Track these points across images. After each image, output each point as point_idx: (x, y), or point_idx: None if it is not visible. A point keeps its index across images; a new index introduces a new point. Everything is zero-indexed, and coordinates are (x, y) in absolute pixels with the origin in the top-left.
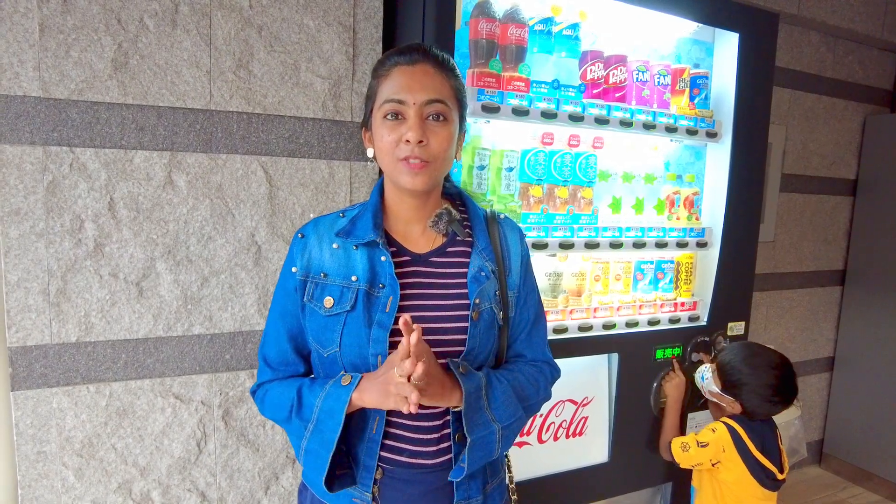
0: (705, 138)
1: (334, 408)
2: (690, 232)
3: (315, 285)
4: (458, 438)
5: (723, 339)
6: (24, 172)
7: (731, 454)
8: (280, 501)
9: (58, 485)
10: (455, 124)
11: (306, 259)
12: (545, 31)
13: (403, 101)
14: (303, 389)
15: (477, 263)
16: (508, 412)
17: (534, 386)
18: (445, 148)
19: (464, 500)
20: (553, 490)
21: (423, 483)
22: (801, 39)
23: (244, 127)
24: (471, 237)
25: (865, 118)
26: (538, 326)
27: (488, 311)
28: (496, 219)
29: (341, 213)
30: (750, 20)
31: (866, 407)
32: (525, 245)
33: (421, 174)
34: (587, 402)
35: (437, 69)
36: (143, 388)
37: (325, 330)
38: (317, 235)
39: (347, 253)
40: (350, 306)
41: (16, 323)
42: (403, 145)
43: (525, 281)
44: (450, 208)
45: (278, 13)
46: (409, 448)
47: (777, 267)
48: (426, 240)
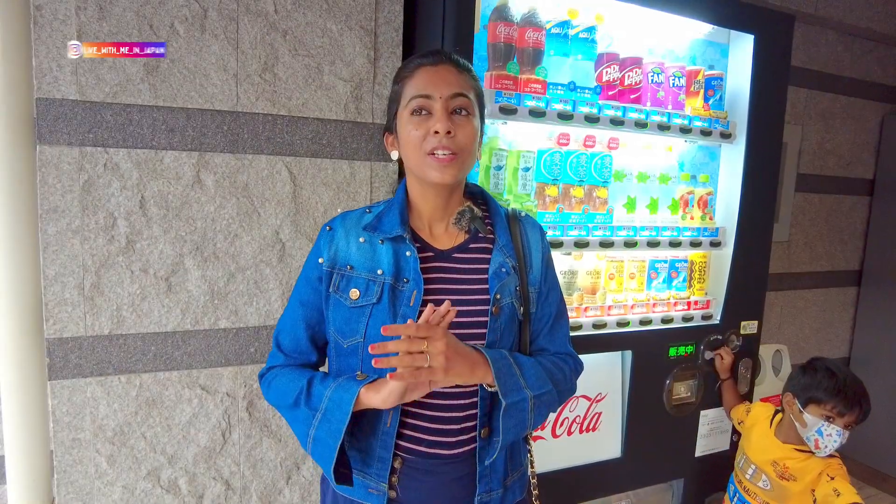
0: (719, 139)
1: (343, 398)
2: (704, 231)
3: (341, 277)
4: (484, 433)
5: (735, 337)
6: (62, 172)
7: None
8: (301, 491)
9: (91, 470)
10: (478, 119)
11: (333, 251)
12: (562, 34)
13: (430, 95)
14: (314, 380)
15: (498, 260)
16: (539, 382)
17: (561, 372)
18: (471, 140)
19: (485, 493)
20: (567, 484)
21: (442, 473)
22: (818, 39)
23: (269, 128)
24: (492, 234)
25: (883, 117)
26: (560, 322)
27: (509, 306)
28: (517, 217)
29: (367, 208)
30: (765, 21)
31: (882, 408)
32: (546, 242)
33: (449, 167)
34: (601, 398)
35: (458, 70)
36: (171, 380)
37: (350, 321)
38: (344, 229)
39: (374, 247)
40: (376, 299)
41: (53, 315)
42: (431, 137)
43: (546, 277)
44: (472, 206)
45: (302, 18)
46: (428, 438)
47: (792, 267)
48: (449, 236)
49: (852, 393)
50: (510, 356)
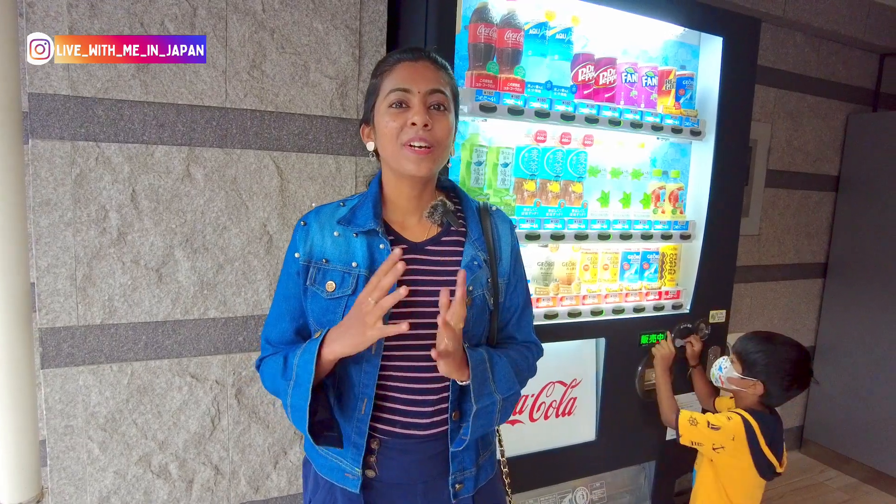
0: (690, 136)
1: (307, 359)
2: (675, 225)
3: (317, 270)
4: (455, 416)
5: (704, 325)
6: (54, 166)
7: (741, 445)
8: (288, 475)
9: (84, 457)
10: (453, 116)
11: (309, 245)
12: (539, 35)
13: (409, 89)
14: (288, 355)
15: (470, 253)
16: (508, 385)
17: (525, 362)
18: (447, 135)
19: (458, 472)
20: (544, 466)
21: (418, 451)
22: (787, 40)
23: (257, 124)
24: (464, 228)
25: (848, 116)
26: (526, 311)
27: (480, 298)
28: (488, 211)
29: (342, 202)
30: (734, 25)
31: (844, 394)
32: (515, 236)
33: (425, 160)
34: (576, 383)
35: (436, 67)
36: (161, 368)
37: (327, 312)
38: (318, 223)
39: (348, 240)
40: (351, 290)
41: (45, 305)
42: (408, 128)
43: (514, 269)
44: (444, 200)
45: (289, 17)
46: (403, 420)
47: (762, 259)
48: (422, 229)
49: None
50: (488, 361)
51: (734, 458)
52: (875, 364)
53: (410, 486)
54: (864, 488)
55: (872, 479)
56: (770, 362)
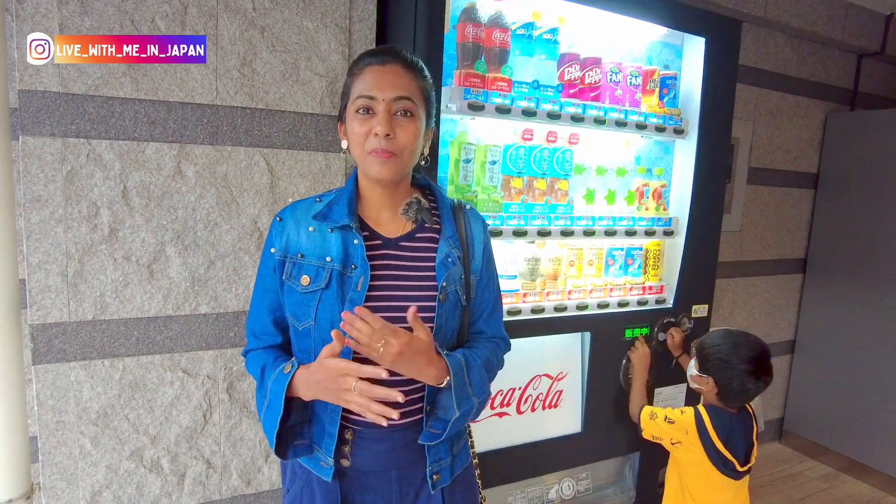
0: (673, 135)
1: (278, 390)
2: (658, 221)
3: (293, 265)
4: (429, 409)
5: (687, 320)
6: (45, 162)
7: (693, 438)
8: (279, 468)
9: (76, 451)
10: (422, 120)
11: (284, 241)
12: (526, 34)
13: (374, 97)
14: (266, 367)
15: (444, 250)
16: (483, 388)
17: (496, 357)
18: (412, 141)
19: (435, 463)
20: (531, 457)
21: (391, 440)
22: (768, 40)
23: (248, 121)
24: (438, 225)
25: (826, 115)
26: (497, 307)
27: (454, 293)
28: (462, 209)
29: (318, 197)
30: (715, 26)
31: (823, 387)
32: (487, 234)
33: (388, 164)
34: (562, 376)
35: (405, 70)
36: (153, 363)
37: (302, 305)
38: (294, 219)
39: (323, 235)
40: (325, 284)
41: (37, 302)
42: (373, 138)
43: (487, 266)
44: (419, 197)
45: (280, 15)
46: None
47: (743, 255)
48: (396, 225)
49: None
50: (464, 366)
51: (690, 452)
52: (852, 357)
53: (384, 474)
54: (842, 477)
55: (849, 469)
56: (722, 359)
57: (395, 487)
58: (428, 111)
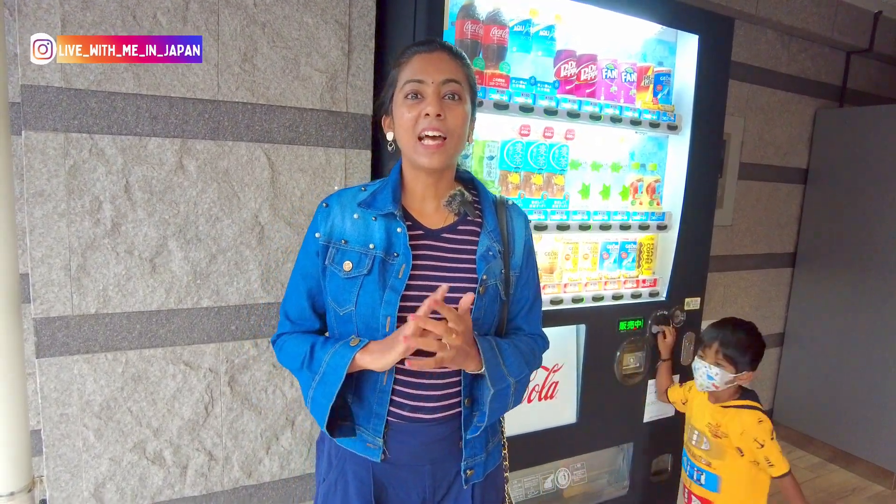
0: (667, 131)
1: (339, 364)
2: (652, 216)
3: (336, 250)
4: (467, 403)
5: (680, 312)
6: (48, 157)
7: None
8: (280, 460)
9: (79, 444)
10: (468, 105)
11: (329, 226)
12: (524, 31)
13: (423, 80)
14: (316, 346)
15: (486, 243)
16: (518, 368)
17: (532, 353)
18: (460, 124)
19: (470, 458)
20: (527, 448)
21: (425, 434)
22: (759, 37)
23: (249, 116)
24: (480, 218)
25: (816, 112)
26: (536, 304)
27: (493, 287)
28: (504, 204)
29: (363, 187)
30: (708, 23)
31: (811, 378)
32: (529, 230)
33: (437, 153)
34: (557, 368)
35: (451, 57)
36: (155, 356)
37: (343, 291)
38: (340, 206)
39: (367, 223)
40: (367, 271)
41: (40, 296)
42: (423, 119)
43: (527, 263)
44: (462, 190)
45: (280, 11)
46: (410, 403)
47: (735, 249)
48: (439, 217)
49: (710, 329)
50: (496, 347)
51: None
52: (839, 349)
53: (419, 467)
54: (829, 467)
55: (837, 459)
56: (753, 352)
57: (428, 481)
58: (473, 101)
